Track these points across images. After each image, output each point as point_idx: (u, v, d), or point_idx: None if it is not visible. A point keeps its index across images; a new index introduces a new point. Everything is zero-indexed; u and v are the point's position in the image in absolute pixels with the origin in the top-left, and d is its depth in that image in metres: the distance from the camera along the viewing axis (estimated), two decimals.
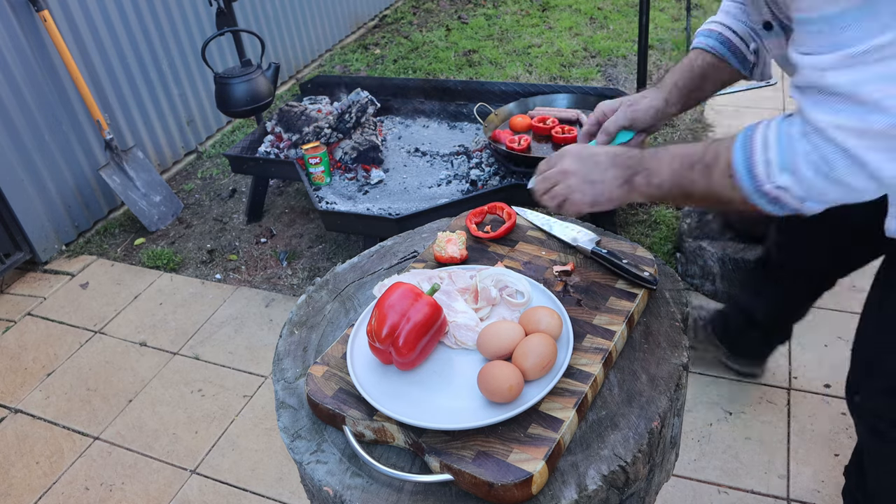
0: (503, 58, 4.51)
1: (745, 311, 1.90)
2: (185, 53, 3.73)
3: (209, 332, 2.62)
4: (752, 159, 0.90)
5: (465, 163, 2.78)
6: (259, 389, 2.34)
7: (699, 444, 1.95)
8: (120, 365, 2.52)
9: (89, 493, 2.06)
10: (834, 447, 1.90)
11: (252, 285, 2.84)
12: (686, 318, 1.15)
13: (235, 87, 2.90)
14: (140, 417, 2.29)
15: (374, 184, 2.74)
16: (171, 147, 3.75)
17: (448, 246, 1.24)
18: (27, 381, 2.50)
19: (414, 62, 4.62)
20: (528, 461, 0.86)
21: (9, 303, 2.91)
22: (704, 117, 3.57)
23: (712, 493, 1.83)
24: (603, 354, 1.00)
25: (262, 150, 3.01)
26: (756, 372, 2.07)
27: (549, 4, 5.29)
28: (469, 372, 1.00)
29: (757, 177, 0.90)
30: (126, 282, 2.96)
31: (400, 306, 0.98)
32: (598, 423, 0.95)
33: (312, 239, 3.06)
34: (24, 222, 2.99)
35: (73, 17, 3.10)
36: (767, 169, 0.89)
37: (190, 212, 3.40)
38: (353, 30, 5.31)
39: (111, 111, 3.35)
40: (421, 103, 3.27)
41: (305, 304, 1.25)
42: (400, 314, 0.97)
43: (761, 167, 0.89)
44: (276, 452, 2.11)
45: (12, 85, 2.87)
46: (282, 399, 1.06)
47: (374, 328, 0.98)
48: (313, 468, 0.94)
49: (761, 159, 0.89)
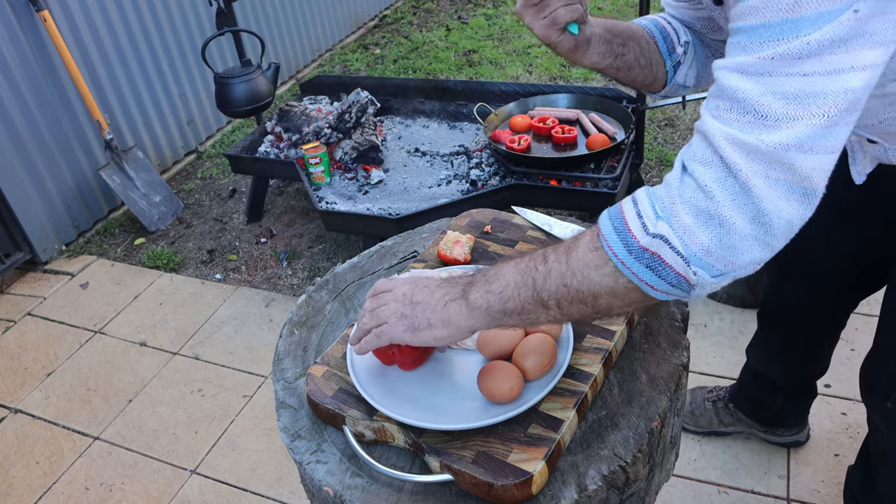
0: (503, 58, 4.51)
1: (761, 377, 1.78)
2: (185, 53, 3.73)
3: (209, 332, 2.62)
4: (622, 217, 0.79)
5: (465, 163, 2.78)
6: (259, 389, 2.34)
7: (699, 444, 1.95)
8: (120, 365, 2.52)
9: (89, 493, 2.06)
10: (834, 447, 1.90)
11: (252, 285, 2.84)
12: (686, 318, 1.15)
13: (235, 87, 2.90)
14: (140, 417, 2.29)
15: (374, 184, 2.74)
16: (171, 147, 3.75)
17: (455, 247, 1.24)
18: (27, 381, 2.50)
19: (414, 62, 4.62)
20: (528, 461, 0.86)
21: (9, 303, 2.91)
22: None
23: (712, 493, 1.83)
24: (603, 354, 1.00)
25: (262, 150, 3.01)
26: (799, 439, 1.89)
27: None
28: (469, 372, 1.00)
29: (630, 231, 0.77)
30: (126, 282, 2.96)
31: None
32: (598, 423, 0.95)
33: (312, 239, 3.06)
34: (24, 222, 2.99)
35: (73, 17, 3.10)
36: (641, 221, 0.77)
37: (190, 212, 3.40)
38: (353, 30, 5.31)
39: (111, 111, 3.35)
40: (421, 103, 3.27)
41: (305, 304, 1.26)
42: None
43: (632, 220, 0.77)
44: (276, 452, 2.11)
45: (12, 85, 2.87)
46: (282, 399, 1.06)
47: None
48: (313, 468, 0.94)
49: (631, 213, 0.78)
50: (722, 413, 1.92)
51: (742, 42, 0.72)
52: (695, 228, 0.73)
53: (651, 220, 0.76)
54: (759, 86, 0.70)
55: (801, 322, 1.62)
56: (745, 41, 0.72)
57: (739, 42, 0.73)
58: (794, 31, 0.68)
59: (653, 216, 0.76)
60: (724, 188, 0.72)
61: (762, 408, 1.85)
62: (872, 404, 1.34)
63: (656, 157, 3.25)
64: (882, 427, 1.31)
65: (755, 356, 1.80)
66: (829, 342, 1.68)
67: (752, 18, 0.71)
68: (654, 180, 3.08)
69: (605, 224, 0.80)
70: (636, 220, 0.77)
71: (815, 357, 1.71)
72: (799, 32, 0.68)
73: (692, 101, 3.54)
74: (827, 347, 1.70)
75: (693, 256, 0.74)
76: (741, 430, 1.93)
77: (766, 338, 1.75)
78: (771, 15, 0.69)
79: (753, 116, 0.71)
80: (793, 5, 0.68)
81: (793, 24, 0.68)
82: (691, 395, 1.99)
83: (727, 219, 0.72)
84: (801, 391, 1.79)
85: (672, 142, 3.38)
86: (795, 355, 1.70)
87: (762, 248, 0.73)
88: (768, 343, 1.74)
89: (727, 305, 2.40)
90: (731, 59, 0.73)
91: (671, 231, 0.75)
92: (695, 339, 2.28)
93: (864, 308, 2.28)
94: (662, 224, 0.75)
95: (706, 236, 0.73)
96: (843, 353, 2.15)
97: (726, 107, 0.73)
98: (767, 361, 1.76)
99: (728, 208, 0.72)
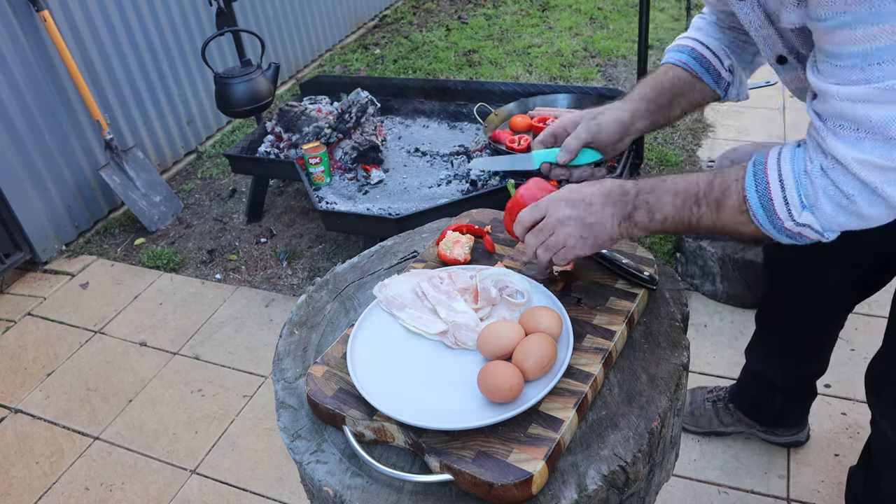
0: (503, 58, 4.51)
1: (760, 378, 1.79)
2: (185, 53, 3.73)
3: (209, 332, 2.62)
4: (769, 197, 0.89)
5: (465, 163, 2.78)
6: (259, 389, 2.34)
7: (699, 444, 1.95)
8: (120, 365, 2.52)
9: (89, 493, 2.06)
10: (834, 447, 1.90)
11: (252, 285, 2.84)
12: (686, 318, 1.15)
13: (235, 87, 2.90)
14: (140, 417, 2.29)
15: (374, 184, 2.74)
16: (171, 147, 3.75)
17: (455, 247, 1.24)
18: (27, 381, 2.50)
19: (414, 62, 4.62)
20: (528, 461, 0.86)
21: (9, 303, 2.91)
22: (705, 117, 3.57)
23: (712, 493, 1.83)
24: (603, 354, 1.00)
25: (262, 150, 3.01)
26: (799, 439, 1.90)
27: (549, 4, 5.30)
28: (469, 372, 1.00)
29: (776, 215, 0.89)
30: (126, 282, 2.96)
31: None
32: (598, 423, 0.95)
33: (312, 239, 3.06)
34: (24, 222, 2.99)
35: (73, 17, 3.10)
36: (787, 208, 0.88)
37: (190, 212, 3.40)
38: (353, 30, 5.31)
39: (111, 111, 3.35)
40: (421, 103, 3.27)
41: (305, 304, 1.25)
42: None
43: (780, 206, 0.88)
44: (276, 452, 2.11)
45: (12, 85, 2.87)
46: (282, 399, 1.06)
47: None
48: (313, 468, 0.94)
49: (779, 198, 0.88)
50: (722, 413, 1.92)
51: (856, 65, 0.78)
52: (835, 216, 0.86)
53: (797, 209, 0.87)
54: (888, 112, 0.77)
55: (798, 325, 1.62)
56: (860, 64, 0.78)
57: (853, 65, 0.78)
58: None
59: (798, 205, 0.87)
60: (862, 196, 0.83)
61: (762, 408, 1.85)
62: (879, 408, 1.33)
63: (656, 156, 3.25)
64: (888, 430, 1.30)
65: (753, 357, 1.80)
66: (828, 343, 1.68)
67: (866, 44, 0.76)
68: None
69: (753, 196, 0.90)
70: (783, 205, 0.88)
71: (814, 358, 1.71)
72: None
73: None
74: (826, 348, 1.69)
75: (830, 230, 0.88)
76: (741, 431, 1.93)
77: (763, 339, 1.75)
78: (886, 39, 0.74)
79: (883, 139, 0.79)
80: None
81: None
82: (691, 395, 1.99)
83: (864, 214, 0.84)
84: (801, 391, 1.78)
85: (672, 141, 3.38)
86: (794, 357, 1.70)
87: (890, 218, 0.86)
88: (766, 345, 1.74)
89: (727, 305, 2.40)
90: (848, 89, 0.80)
91: (815, 220, 0.87)
92: (695, 339, 2.28)
93: (864, 308, 2.29)
94: (807, 215, 0.87)
95: (844, 220, 0.86)
96: (843, 353, 2.15)
97: (852, 128, 0.81)
98: (766, 363, 1.76)
99: (865, 208, 0.84)
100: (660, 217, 0.98)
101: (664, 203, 0.98)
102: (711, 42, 1.24)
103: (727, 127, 3.47)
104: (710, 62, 1.23)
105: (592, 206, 1.01)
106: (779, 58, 1.06)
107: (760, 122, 3.46)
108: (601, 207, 1.01)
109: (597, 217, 1.01)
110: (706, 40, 1.24)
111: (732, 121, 3.51)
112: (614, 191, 1.01)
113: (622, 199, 1.00)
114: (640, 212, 1.00)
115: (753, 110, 3.57)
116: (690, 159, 3.23)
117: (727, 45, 1.24)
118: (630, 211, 1.00)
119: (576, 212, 1.02)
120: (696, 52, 1.23)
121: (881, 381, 1.31)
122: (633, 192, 1.00)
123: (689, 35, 1.27)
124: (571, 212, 1.02)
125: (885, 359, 1.30)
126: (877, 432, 1.36)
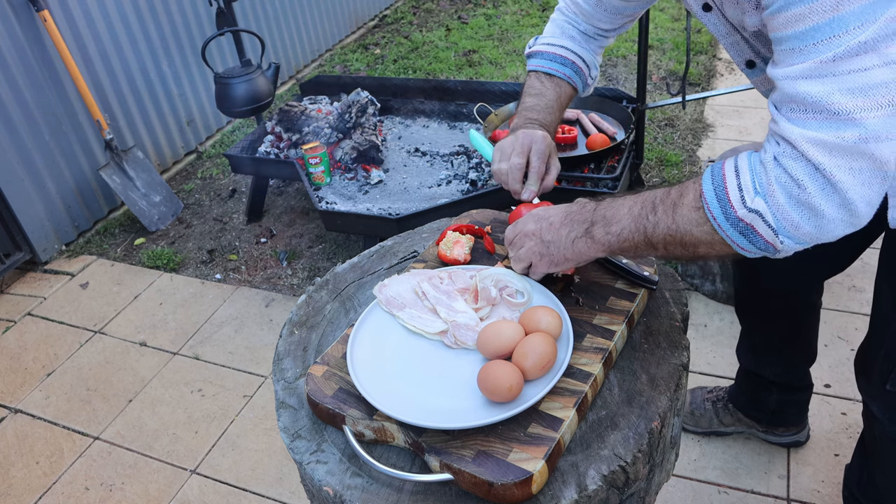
0: (503, 58, 4.51)
1: (753, 375, 1.80)
2: (185, 53, 3.73)
3: (209, 332, 2.62)
4: (724, 185, 0.87)
5: (465, 163, 2.78)
6: (259, 389, 2.34)
7: (699, 444, 1.95)
8: (120, 365, 2.52)
9: (89, 493, 2.06)
10: (834, 447, 1.90)
11: (252, 285, 2.84)
12: (686, 318, 1.15)
13: (235, 87, 2.90)
14: (140, 417, 2.29)
15: (374, 184, 2.74)
16: (171, 147, 3.75)
17: (455, 247, 1.24)
18: (27, 381, 2.50)
19: (414, 62, 4.62)
20: (527, 461, 0.86)
21: (9, 303, 2.91)
22: (704, 117, 3.57)
23: (712, 493, 1.83)
24: (603, 354, 1.00)
25: (262, 150, 3.01)
26: (799, 439, 1.89)
27: (549, 4, 5.30)
28: (469, 372, 1.00)
29: (729, 202, 0.86)
30: (126, 282, 2.96)
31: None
32: (598, 422, 0.95)
33: (312, 239, 3.06)
34: (24, 222, 2.99)
35: (73, 17, 3.10)
36: (741, 193, 0.85)
37: (190, 212, 3.41)
38: (353, 30, 5.31)
39: (111, 111, 3.35)
40: (421, 103, 3.27)
41: (305, 304, 1.25)
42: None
43: (733, 192, 0.86)
44: (276, 452, 2.11)
45: (12, 85, 2.87)
46: (282, 399, 1.06)
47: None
48: (313, 468, 0.94)
49: (733, 184, 0.87)
50: (722, 413, 1.92)
51: (795, 48, 0.79)
52: (788, 208, 0.82)
53: (749, 195, 0.85)
54: (826, 86, 0.77)
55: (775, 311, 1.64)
56: (799, 46, 0.79)
57: (792, 48, 0.80)
58: (842, 26, 0.75)
59: (752, 190, 0.85)
60: (814, 181, 0.80)
61: (760, 406, 1.85)
62: (870, 392, 1.34)
63: (656, 156, 3.25)
64: (880, 415, 1.31)
65: (744, 355, 1.82)
66: (810, 325, 1.70)
67: (800, 24, 0.78)
68: (654, 180, 3.09)
69: (708, 188, 0.89)
70: (736, 191, 0.86)
71: (800, 345, 1.72)
72: (847, 26, 0.74)
73: (692, 101, 3.55)
74: (810, 332, 1.71)
75: (783, 230, 0.84)
76: (741, 430, 1.93)
77: (748, 334, 1.77)
78: (817, 17, 0.76)
79: (827, 115, 0.78)
80: (836, 4, 0.74)
81: (840, 21, 0.75)
82: (691, 395, 1.99)
83: (817, 206, 0.81)
84: (796, 385, 1.79)
85: (672, 141, 3.38)
86: (779, 346, 1.72)
87: (846, 227, 0.83)
88: (752, 340, 1.77)
89: (727, 305, 2.40)
90: (790, 68, 0.81)
91: (766, 207, 0.84)
92: (695, 339, 2.28)
93: (864, 308, 2.29)
94: (759, 200, 0.84)
95: (797, 216, 0.82)
96: (842, 353, 2.16)
97: (800, 110, 0.81)
98: (756, 359, 1.78)
99: (817, 198, 0.80)
100: (615, 230, 0.98)
101: (621, 215, 0.98)
102: (585, 54, 1.38)
103: (727, 127, 3.47)
104: (585, 75, 1.40)
105: (552, 224, 1.05)
106: (748, 62, 1.11)
107: (760, 122, 3.47)
108: (559, 227, 1.04)
109: (553, 235, 1.05)
110: (581, 53, 1.38)
111: (732, 121, 3.52)
112: (574, 209, 1.05)
113: (581, 217, 1.03)
114: (598, 227, 1.00)
115: (753, 110, 3.57)
116: (690, 159, 3.23)
117: (593, 54, 1.41)
118: (587, 227, 1.01)
119: (536, 228, 1.07)
120: (576, 67, 1.38)
121: (869, 363, 1.32)
122: (593, 208, 1.02)
123: (565, 45, 1.38)
124: (534, 227, 1.07)
125: (872, 341, 1.31)
126: (868, 421, 1.38)
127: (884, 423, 1.31)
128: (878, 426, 1.33)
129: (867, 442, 1.42)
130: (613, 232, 0.98)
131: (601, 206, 1.01)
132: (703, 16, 1.09)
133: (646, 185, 3.02)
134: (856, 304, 2.33)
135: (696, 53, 4.23)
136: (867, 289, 2.36)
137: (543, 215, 1.07)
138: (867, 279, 2.37)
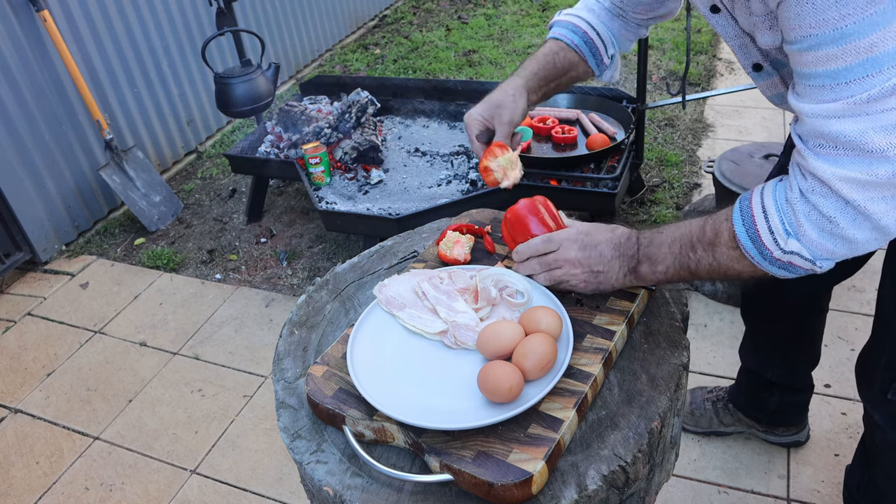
0: (503, 58, 4.51)
1: (755, 375, 1.79)
2: (185, 53, 3.73)
3: (209, 332, 2.62)
4: (755, 229, 0.90)
5: (465, 163, 2.78)
6: (259, 389, 2.34)
7: (699, 444, 1.95)
8: (120, 365, 2.52)
9: (89, 493, 2.06)
10: (834, 447, 1.90)
11: (252, 285, 2.84)
12: (686, 318, 1.15)
13: (235, 87, 2.90)
14: (140, 417, 2.29)
15: (374, 184, 2.74)
16: (171, 147, 3.75)
17: (455, 247, 1.24)
18: (27, 381, 2.50)
19: (414, 62, 4.62)
20: (528, 461, 0.86)
21: (9, 303, 2.91)
22: (705, 117, 3.57)
23: (712, 493, 1.83)
24: (603, 354, 1.00)
25: (262, 150, 3.01)
26: (799, 439, 1.89)
27: (549, 4, 5.30)
28: (469, 372, 1.00)
29: (764, 245, 0.90)
30: (126, 282, 2.96)
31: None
32: (598, 423, 0.95)
33: (312, 239, 3.06)
34: (24, 222, 2.99)
35: (73, 17, 3.10)
36: (773, 236, 0.89)
37: (190, 212, 3.40)
38: (353, 30, 5.31)
39: (111, 111, 3.35)
40: (421, 103, 3.27)
41: (305, 304, 1.25)
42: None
43: (766, 236, 0.89)
44: (276, 452, 2.11)
45: (12, 85, 2.87)
46: (282, 399, 1.06)
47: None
48: (313, 468, 0.94)
49: (764, 228, 0.89)
50: (722, 413, 1.92)
51: (826, 85, 0.80)
52: (821, 241, 0.86)
53: (782, 237, 0.88)
54: (860, 125, 0.79)
55: (781, 313, 1.63)
56: (829, 83, 0.80)
57: (822, 85, 0.81)
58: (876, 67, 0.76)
59: (783, 233, 0.88)
60: (844, 216, 0.83)
61: (760, 406, 1.85)
62: (871, 399, 1.33)
63: (656, 157, 3.25)
64: (881, 423, 1.30)
65: (747, 356, 1.81)
66: (815, 329, 1.69)
67: (831, 64, 0.78)
68: (654, 180, 3.08)
69: (741, 230, 0.92)
70: (768, 235, 0.90)
71: (804, 348, 1.72)
72: (882, 66, 0.75)
73: (692, 101, 3.55)
74: (815, 336, 1.70)
75: (820, 258, 0.88)
76: (741, 430, 1.93)
77: (753, 335, 1.76)
78: (851, 59, 0.77)
79: (860, 153, 0.80)
80: (870, 46, 0.75)
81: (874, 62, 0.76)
82: (691, 395, 1.99)
83: (850, 237, 0.84)
84: (797, 386, 1.78)
85: (672, 142, 3.38)
86: (784, 348, 1.71)
87: (879, 243, 0.87)
88: (756, 340, 1.76)
89: (727, 305, 2.40)
90: (821, 106, 0.81)
91: (801, 246, 0.87)
92: (695, 339, 2.28)
93: (864, 308, 2.29)
94: (793, 242, 0.88)
95: (831, 246, 0.86)
96: (842, 353, 2.16)
97: (830, 146, 0.82)
98: (759, 359, 1.77)
99: (849, 230, 0.84)
100: (662, 268, 1.02)
101: (664, 254, 1.02)
102: (602, 29, 1.32)
103: (727, 127, 3.47)
104: (598, 48, 1.33)
105: (603, 256, 1.07)
106: (754, 65, 1.11)
107: (760, 122, 3.47)
108: (610, 259, 1.06)
109: (605, 267, 1.07)
110: (598, 26, 1.32)
111: (732, 121, 3.52)
112: (622, 242, 1.06)
113: (629, 252, 1.05)
114: (644, 266, 1.04)
115: (753, 110, 3.57)
116: (690, 159, 3.23)
117: (615, 34, 1.34)
118: (635, 265, 1.05)
119: (585, 256, 1.07)
120: (587, 37, 1.31)
121: (870, 370, 1.32)
122: (635, 243, 1.05)
123: (581, 15, 1.33)
124: (581, 255, 1.07)
125: (874, 349, 1.31)
126: (869, 427, 1.37)
127: (885, 431, 1.30)
128: (879, 433, 1.32)
129: (868, 446, 1.42)
130: (660, 271, 1.03)
131: (642, 243, 1.05)
132: (710, 17, 1.08)
133: (646, 185, 3.02)
134: (856, 304, 2.33)
135: (696, 53, 4.23)
136: (867, 289, 2.36)
137: (589, 243, 1.07)
138: (867, 279, 2.37)
